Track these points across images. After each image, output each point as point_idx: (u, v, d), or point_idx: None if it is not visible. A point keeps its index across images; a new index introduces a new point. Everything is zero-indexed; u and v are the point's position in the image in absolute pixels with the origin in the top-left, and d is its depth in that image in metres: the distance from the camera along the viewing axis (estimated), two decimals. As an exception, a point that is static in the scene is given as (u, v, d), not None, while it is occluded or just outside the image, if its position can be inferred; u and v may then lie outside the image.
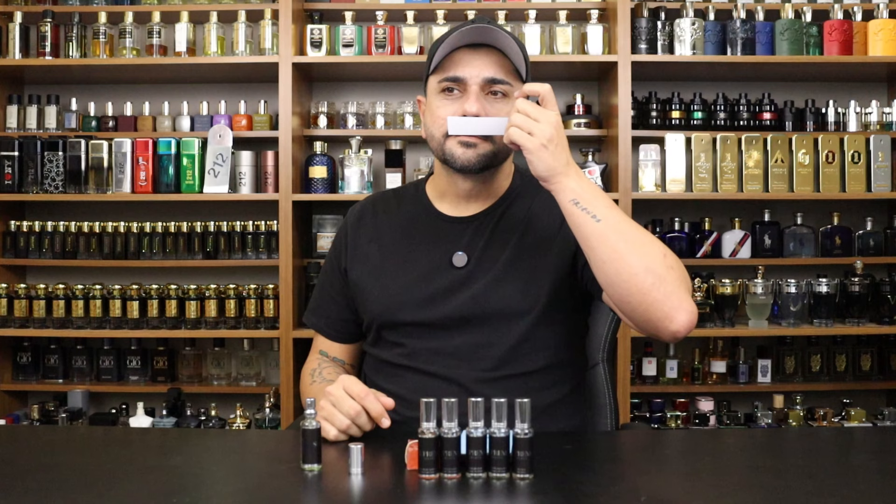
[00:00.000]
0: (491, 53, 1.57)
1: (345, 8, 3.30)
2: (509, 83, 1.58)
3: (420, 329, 1.61)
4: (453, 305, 1.60)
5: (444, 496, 1.16)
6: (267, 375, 3.41)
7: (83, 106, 3.49)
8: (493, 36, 1.55)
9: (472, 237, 1.65)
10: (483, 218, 1.66)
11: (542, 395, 1.57)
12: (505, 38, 1.56)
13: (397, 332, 1.64)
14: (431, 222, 1.68)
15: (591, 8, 3.30)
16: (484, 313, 1.59)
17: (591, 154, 3.30)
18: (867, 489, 1.22)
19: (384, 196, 1.79)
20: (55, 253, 3.32)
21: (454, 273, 1.62)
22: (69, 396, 3.27)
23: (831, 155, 3.24)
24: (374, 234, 1.71)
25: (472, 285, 1.60)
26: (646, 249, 1.44)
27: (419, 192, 1.73)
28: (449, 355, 1.59)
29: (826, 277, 3.24)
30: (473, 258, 1.62)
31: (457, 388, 1.55)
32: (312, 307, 1.79)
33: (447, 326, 1.60)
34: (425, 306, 1.61)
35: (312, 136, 3.36)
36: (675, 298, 1.43)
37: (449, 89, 1.59)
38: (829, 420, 3.23)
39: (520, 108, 1.45)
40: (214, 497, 1.19)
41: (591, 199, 1.44)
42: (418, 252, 1.66)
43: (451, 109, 1.57)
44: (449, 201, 1.69)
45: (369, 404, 1.42)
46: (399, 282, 1.64)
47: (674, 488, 1.24)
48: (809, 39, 3.25)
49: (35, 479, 1.25)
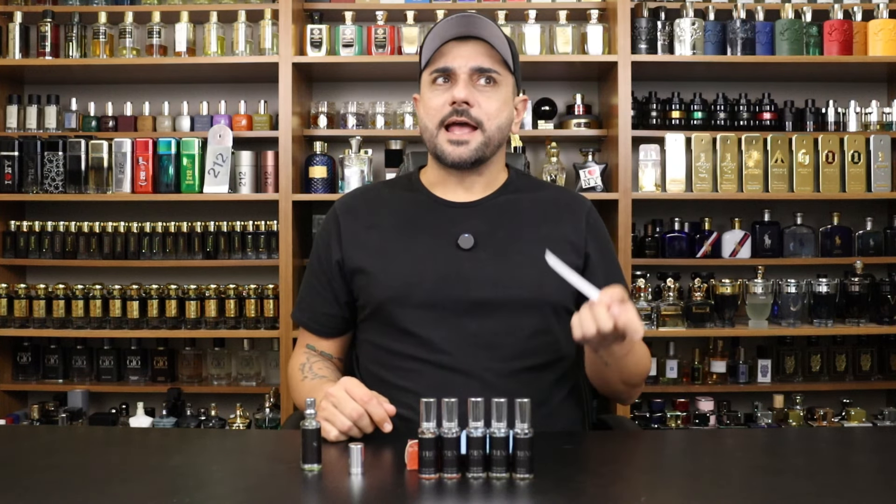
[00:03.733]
0: (478, 44, 1.60)
1: (345, 8, 3.30)
2: (497, 72, 1.61)
3: (433, 313, 1.58)
4: (467, 289, 1.58)
5: (444, 496, 1.16)
6: (267, 375, 3.41)
7: (83, 106, 3.49)
8: (479, 26, 1.59)
9: (477, 221, 1.64)
10: (486, 203, 1.66)
11: (553, 392, 1.59)
12: (491, 29, 1.60)
13: (408, 317, 1.59)
14: (432, 207, 1.67)
15: (591, 8, 3.30)
16: (498, 299, 1.58)
17: (591, 154, 3.30)
18: (867, 489, 1.22)
19: (373, 187, 1.79)
20: (55, 253, 3.32)
21: (461, 255, 1.61)
22: (69, 396, 3.27)
23: (831, 155, 3.24)
24: (371, 222, 1.68)
25: (484, 269, 1.59)
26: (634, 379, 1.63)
27: (413, 181, 1.73)
28: (467, 343, 1.57)
29: (826, 277, 3.24)
30: (480, 241, 1.62)
31: (478, 384, 1.53)
32: (298, 304, 1.78)
33: (459, 311, 1.57)
34: (436, 288, 1.58)
35: (312, 136, 3.36)
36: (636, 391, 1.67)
37: (439, 79, 1.61)
38: (829, 420, 3.23)
39: (625, 308, 1.35)
40: (214, 497, 1.19)
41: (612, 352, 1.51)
42: (421, 234, 1.64)
43: (443, 99, 1.60)
44: (445, 188, 1.68)
45: (372, 408, 1.40)
46: (407, 263, 1.61)
47: (674, 488, 1.24)
48: (809, 39, 3.25)
49: (35, 479, 1.25)
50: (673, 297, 3.20)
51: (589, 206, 1.72)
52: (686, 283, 3.34)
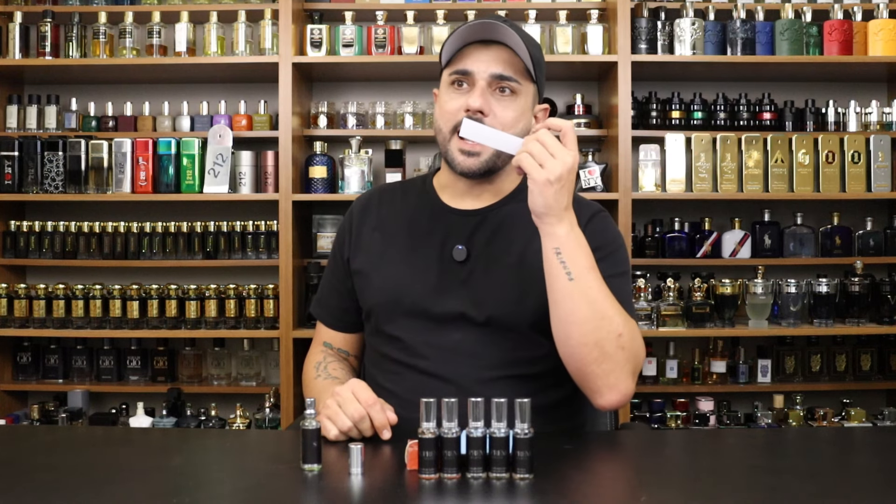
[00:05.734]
0: (501, 50, 1.57)
1: (345, 8, 3.30)
2: (517, 81, 1.57)
3: (418, 322, 1.60)
4: (453, 302, 1.59)
5: (444, 496, 1.16)
6: (267, 375, 3.41)
7: (83, 106, 3.49)
8: (503, 33, 1.55)
9: (475, 231, 1.64)
10: (487, 213, 1.66)
11: (543, 396, 1.57)
12: (515, 36, 1.55)
13: (395, 323, 1.62)
14: (435, 213, 1.68)
15: (591, 8, 3.30)
16: (482, 315, 1.58)
17: (591, 154, 3.30)
18: (867, 489, 1.22)
19: (391, 187, 1.79)
20: (55, 253, 3.32)
21: (453, 267, 1.61)
22: (69, 396, 3.27)
23: (831, 155, 3.24)
24: (377, 224, 1.71)
25: (471, 283, 1.60)
26: (604, 324, 1.46)
27: (426, 185, 1.73)
28: (448, 350, 1.58)
29: (826, 277, 3.24)
30: (474, 253, 1.62)
31: (455, 389, 1.54)
32: (317, 296, 1.80)
33: (445, 321, 1.59)
34: (424, 298, 1.60)
35: (312, 136, 3.36)
36: (612, 377, 1.48)
37: (458, 83, 1.59)
38: (829, 420, 3.23)
39: (539, 137, 1.43)
40: (214, 497, 1.19)
41: (573, 254, 1.44)
42: (419, 242, 1.65)
43: (459, 103, 1.57)
44: (454, 193, 1.68)
45: (375, 413, 1.41)
46: (399, 271, 1.63)
47: (674, 488, 1.24)
48: (809, 39, 3.25)
49: (35, 479, 1.25)
50: (673, 297, 3.20)
51: (594, 211, 1.67)
52: (686, 283, 3.33)
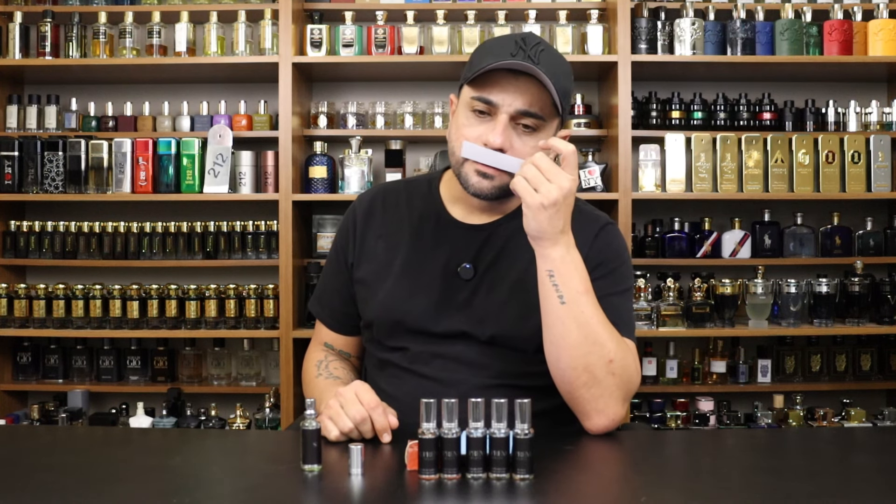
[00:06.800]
0: (530, 83, 1.50)
1: (345, 8, 3.30)
2: (542, 118, 1.51)
3: (420, 338, 1.60)
4: (456, 320, 1.59)
5: (444, 497, 1.16)
6: (267, 375, 3.41)
7: (83, 106, 3.49)
8: (535, 70, 1.48)
9: (482, 248, 1.62)
10: (495, 229, 1.63)
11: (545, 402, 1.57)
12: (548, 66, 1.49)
13: (396, 338, 1.62)
14: (442, 226, 1.65)
15: (591, 8, 3.30)
16: (485, 334, 1.58)
17: (591, 154, 3.30)
18: (867, 489, 1.22)
19: (395, 188, 1.74)
20: (55, 253, 3.32)
21: (459, 285, 1.60)
22: (69, 396, 3.27)
23: (831, 155, 3.24)
24: (382, 231, 1.68)
25: (475, 302, 1.59)
26: (595, 349, 1.46)
27: (432, 191, 1.69)
28: (451, 359, 1.59)
29: (826, 277, 3.24)
30: (480, 271, 1.60)
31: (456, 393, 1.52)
32: (318, 294, 1.77)
33: (448, 337, 1.59)
34: (428, 317, 1.59)
35: (312, 136, 3.36)
36: (601, 402, 1.48)
37: (480, 111, 1.53)
38: (829, 420, 3.23)
39: (535, 161, 1.40)
40: (214, 497, 1.19)
41: (566, 277, 1.44)
42: (424, 256, 1.63)
43: (478, 132, 1.52)
44: (462, 207, 1.65)
45: (377, 416, 1.41)
46: (402, 287, 1.62)
47: (674, 488, 1.24)
48: (809, 39, 3.25)
49: (35, 479, 1.25)
50: (673, 297, 3.20)
51: (602, 224, 1.65)
52: (686, 283, 3.33)
